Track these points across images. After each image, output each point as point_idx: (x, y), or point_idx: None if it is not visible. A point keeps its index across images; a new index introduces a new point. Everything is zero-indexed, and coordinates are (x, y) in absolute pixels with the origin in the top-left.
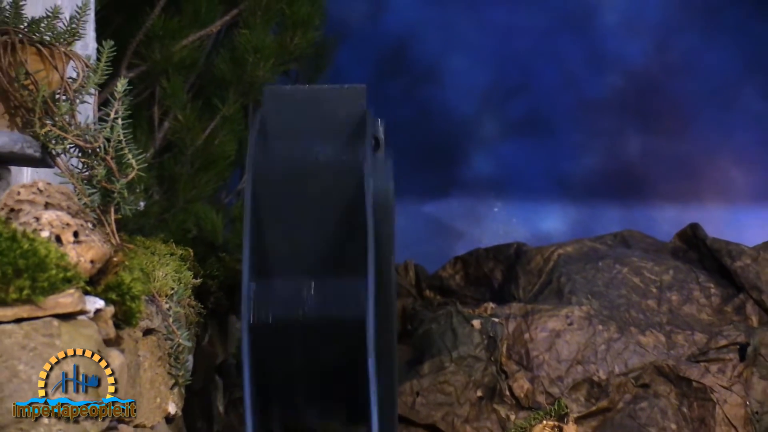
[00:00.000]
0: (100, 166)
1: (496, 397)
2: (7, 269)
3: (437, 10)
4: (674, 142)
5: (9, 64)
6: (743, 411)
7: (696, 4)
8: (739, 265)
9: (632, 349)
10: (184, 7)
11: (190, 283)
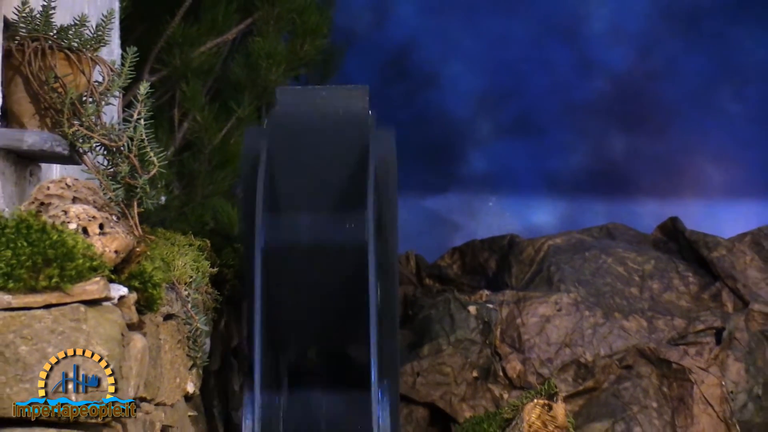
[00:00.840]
0: (124, 163)
1: (490, 377)
2: (37, 259)
3: (436, 20)
4: (655, 142)
5: (39, 68)
6: (719, 391)
7: (676, 14)
8: (716, 255)
9: (616, 333)
10: (202, 16)
11: (207, 272)
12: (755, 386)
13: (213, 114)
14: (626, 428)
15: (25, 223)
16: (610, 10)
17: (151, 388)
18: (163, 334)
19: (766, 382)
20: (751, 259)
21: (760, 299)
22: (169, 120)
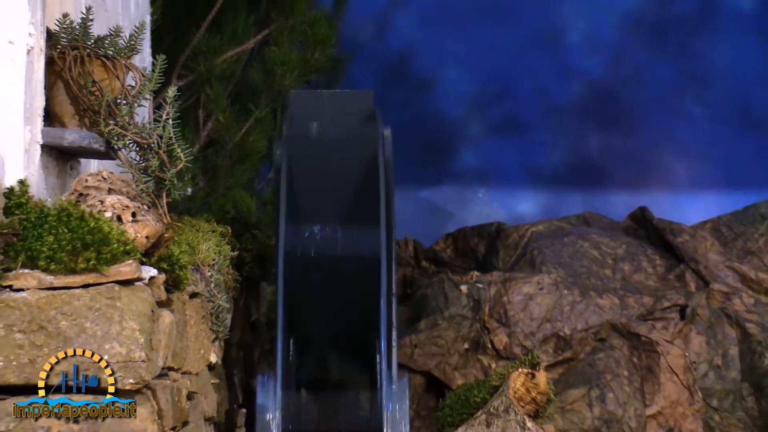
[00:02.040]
0: (154, 158)
1: (480, 349)
2: (76, 243)
3: (432, 31)
4: (626, 140)
5: (78, 74)
6: (683, 361)
7: (644, 26)
8: (680, 241)
9: (592, 310)
10: (224, 28)
11: (228, 255)
12: (715, 357)
13: (234, 115)
14: (600, 394)
15: (65, 211)
16: (586, 22)
17: (178, 359)
18: (189, 310)
19: (724, 354)
20: (711, 244)
21: (719, 280)
22: (194, 120)
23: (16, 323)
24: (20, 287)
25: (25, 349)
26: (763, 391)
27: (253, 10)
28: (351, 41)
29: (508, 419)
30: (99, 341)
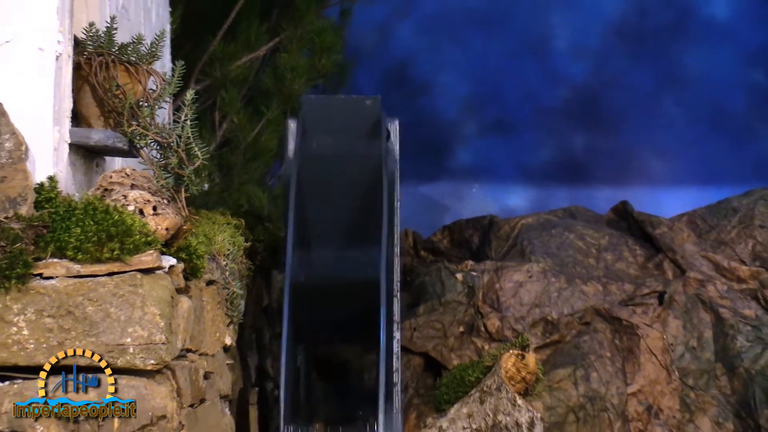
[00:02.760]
0: (174, 156)
1: (474, 332)
2: (101, 235)
3: (430, 39)
4: (609, 140)
5: (104, 78)
6: (661, 343)
7: (625, 34)
8: (658, 232)
9: (577, 296)
10: (238, 36)
11: (242, 246)
12: (691, 339)
13: (247, 116)
14: (585, 374)
15: (91, 205)
16: (571, 31)
17: (196, 341)
18: (206, 296)
19: (699, 336)
20: (688, 236)
21: (694, 268)
22: (211, 121)
23: (45, 308)
24: (50, 275)
25: (54, 333)
26: (734, 371)
27: (264, 19)
28: (355, 48)
29: (500, 397)
30: (122, 325)
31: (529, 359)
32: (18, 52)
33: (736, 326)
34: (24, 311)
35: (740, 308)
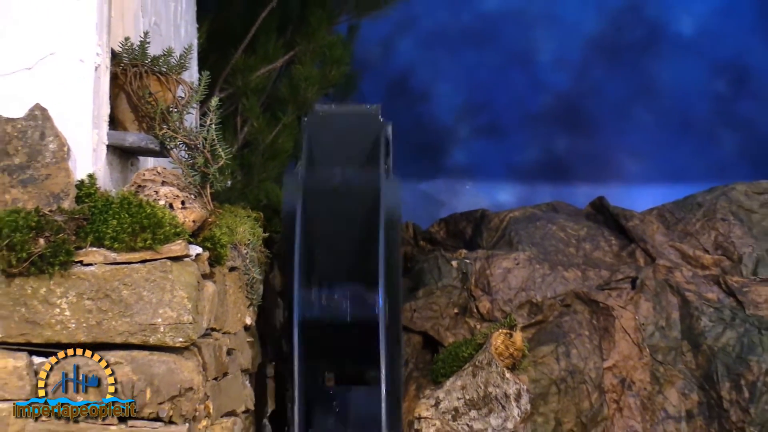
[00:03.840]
0: (200, 156)
1: (467, 313)
2: (135, 226)
3: (428, 53)
4: (588, 142)
5: (138, 87)
6: (634, 323)
7: (603, 48)
8: (631, 224)
9: (559, 281)
10: (257, 49)
11: (260, 236)
12: (660, 320)
13: (265, 121)
14: (566, 350)
15: (126, 200)
16: (554, 45)
17: (220, 321)
18: (228, 281)
19: (668, 317)
20: (657, 228)
21: (663, 256)
22: (233, 125)
23: (85, 292)
24: (89, 262)
25: (93, 313)
26: (699, 348)
27: (281, 35)
28: (361, 61)
29: (490, 371)
30: (154, 307)
31: (516, 337)
32: (61, 63)
33: (701, 308)
34: (66, 294)
35: (704, 292)
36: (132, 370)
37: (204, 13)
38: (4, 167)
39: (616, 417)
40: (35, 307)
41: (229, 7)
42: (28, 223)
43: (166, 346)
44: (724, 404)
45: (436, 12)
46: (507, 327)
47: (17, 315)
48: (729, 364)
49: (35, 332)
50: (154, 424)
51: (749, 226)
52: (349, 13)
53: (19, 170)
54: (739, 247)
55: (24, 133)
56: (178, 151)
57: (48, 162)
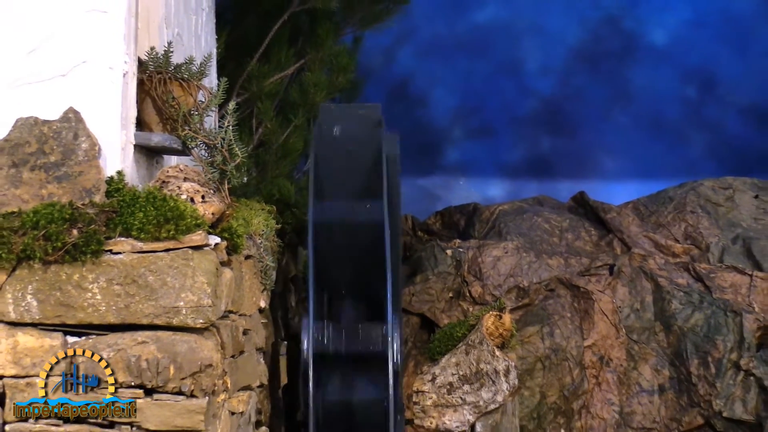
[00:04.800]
0: (219, 155)
1: (461, 296)
2: (160, 218)
3: (426, 61)
4: (570, 142)
5: (162, 92)
6: (611, 306)
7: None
8: (609, 216)
9: (544, 268)
10: (271, 58)
11: (273, 227)
12: (635, 303)
13: (278, 123)
14: (550, 330)
15: (152, 194)
16: (539, 54)
17: (236, 304)
18: (244, 268)
19: (642, 300)
20: (632, 219)
21: (638, 245)
22: (249, 127)
23: (115, 278)
24: (118, 251)
25: (122, 297)
26: (670, 329)
27: (292, 45)
28: (365, 68)
29: (482, 349)
30: (177, 291)
31: (505, 319)
32: (92, 71)
33: (672, 292)
34: (97, 280)
35: (675, 278)
36: (157, 348)
37: (222, 26)
38: (41, 165)
39: (595, 391)
40: (69, 291)
41: (245, 20)
42: (63, 216)
43: (187, 327)
44: (693, 379)
45: (433, 24)
46: (497, 309)
47: (53, 299)
48: (697, 342)
49: (69, 314)
50: (177, 398)
51: (716, 218)
52: (354, 26)
53: (54, 167)
54: (707, 237)
55: (59, 133)
56: (198, 150)
57: (81, 160)
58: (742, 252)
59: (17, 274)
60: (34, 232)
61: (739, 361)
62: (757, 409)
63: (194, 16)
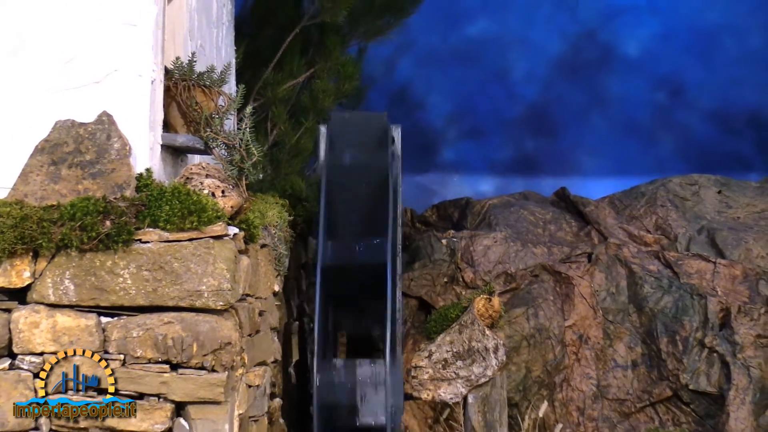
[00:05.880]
0: (237, 154)
1: (454, 281)
2: (184, 211)
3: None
4: (552, 143)
5: (186, 97)
6: (590, 289)
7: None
8: (588, 210)
9: (529, 256)
10: (284, 67)
11: (286, 219)
12: (611, 287)
13: (291, 125)
14: (534, 312)
15: (177, 189)
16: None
17: (253, 288)
18: (260, 256)
19: (617, 285)
20: (609, 213)
21: (613, 236)
22: (264, 129)
23: (144, 264)
24: (146, 240)
25: (150, 282)
26: (642, 310)
27: (303, 55)
28: (369, 76)
29: (473, 329)
30: (199, 276)
31: (494, 301)
32: (123, 78)
33: (644, 278)
34: (128, 266)
35: (646, 265)
36: (182, 328)
37: (240, 38)
38: (77, 163)
39: (575, 366)
40: (103, 276)
41: (261, 33)
42: (97, 209)
43: (209, 308)
44: (663, 355)
45: (429, 37)
46: (487, 293)
47: (88, 283)
48: (666, 323)
49: (103, 297)
50: (200, 372)
51: (683, 211)
52: (359, 38)
53: (89, 165)
54: (675, 228)
55: (93, 134)
56: (219, 149)
57: (113, 158)
58: (706, 242)
59: (56, 261)
60: (71, 223)
61: (703, 339)
62: (719, 382)
63: (215, 30)
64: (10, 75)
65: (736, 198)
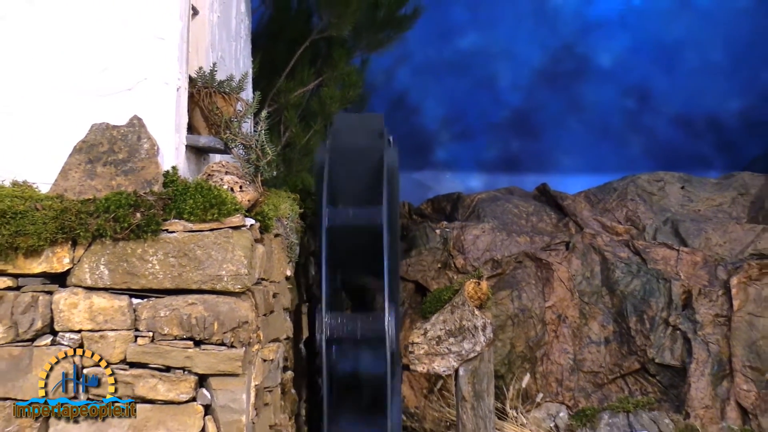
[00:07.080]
0: (253, 153)
1: (447, 267)
2: (206, 204)
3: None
4: (535, 144)
5: (208, 103)
6: (568, 275)
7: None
8: (566, 203)
9: (514, 244)
10: (295, 76)
11: (297, 212)
12: (586, 272)
13: (301, 128)
14: (518, 294)
15: (199, 185)
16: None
17: (267, 273)
18: (274, 244)
19: (592, 270)
20: (584, 206)
21: (588, 227)
22: (278, 131)
23: (170, 252)
24: (172, 230)
25: (175, 267)
26: (614, 293)
27: (313, 65)
28: (371, 84)
29: (464, 309)
30: (220, 263)
31: (483, 285)
32: (152, 86)
33: (615, 264)
34: (156, 254)
35: (618, 252)
36: (204, 309)
37: (256, 50)
38: (111, 161)
39: (554, 342)
40: (134, 262)
41: (275, 45)
42: (129, 202)
43: (228, 291)
44: (632, 333)
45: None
46: (476, 277)
47: (120, 269)
48: (635, 304)
49: (134, 281)
50: (220, 348)
51: (650, 204)
52: (362, 50)
53: (122, 163)
54: (643, 219)
55: (125, 136)
56: (237, 149)
57: (143, 157)
58: (670, 232)
59: (92, 249)
60: (105, 215)
61: (668, 318)
62: (682, 356)
63: (234, 43)
64: (52, 82)
65: (697, 193)
